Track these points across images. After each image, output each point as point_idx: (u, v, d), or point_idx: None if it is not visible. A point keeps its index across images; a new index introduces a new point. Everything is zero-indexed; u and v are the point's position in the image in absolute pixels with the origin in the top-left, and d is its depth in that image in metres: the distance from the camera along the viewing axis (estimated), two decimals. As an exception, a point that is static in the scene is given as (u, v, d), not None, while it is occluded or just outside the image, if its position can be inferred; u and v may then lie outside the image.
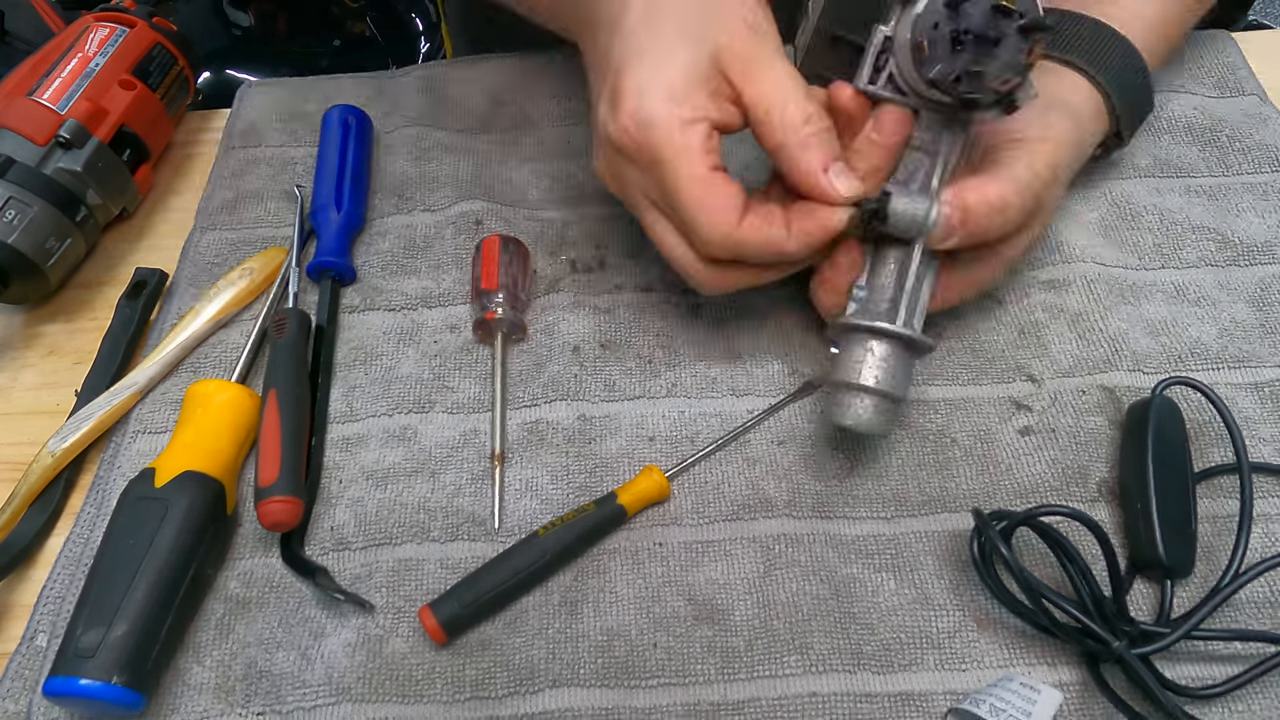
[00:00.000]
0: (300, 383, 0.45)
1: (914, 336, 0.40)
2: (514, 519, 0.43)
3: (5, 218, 0.48)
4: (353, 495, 0.44)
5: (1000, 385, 0.46)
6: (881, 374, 0.40)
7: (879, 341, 0.40)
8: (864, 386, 0.40)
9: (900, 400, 0.40)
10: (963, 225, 0.39)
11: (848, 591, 0.40)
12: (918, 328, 0.41)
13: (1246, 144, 0.55)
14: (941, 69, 0.37)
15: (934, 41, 0.36)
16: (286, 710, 0.37)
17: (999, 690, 0.35)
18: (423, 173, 0.57)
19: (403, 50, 1.22)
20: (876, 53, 0.39)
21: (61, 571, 0.42)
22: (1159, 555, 0.38)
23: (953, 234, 0.39)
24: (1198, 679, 0.37)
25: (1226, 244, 0.51)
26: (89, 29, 0.56)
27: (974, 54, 0.36)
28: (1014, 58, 0.36)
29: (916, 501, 0.42)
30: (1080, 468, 0.43)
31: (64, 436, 0.45)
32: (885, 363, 0.40)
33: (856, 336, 0.41)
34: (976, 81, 0.36)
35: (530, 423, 0.46)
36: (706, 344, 0.48)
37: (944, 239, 0.40)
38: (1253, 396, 0.45)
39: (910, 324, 0.40)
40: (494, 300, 0.47)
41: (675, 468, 0.43)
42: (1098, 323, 0.48)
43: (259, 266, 0.51)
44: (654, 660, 0.38)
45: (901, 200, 0.39)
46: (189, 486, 0.40)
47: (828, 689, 0.37)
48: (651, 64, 0.39)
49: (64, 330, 0.52)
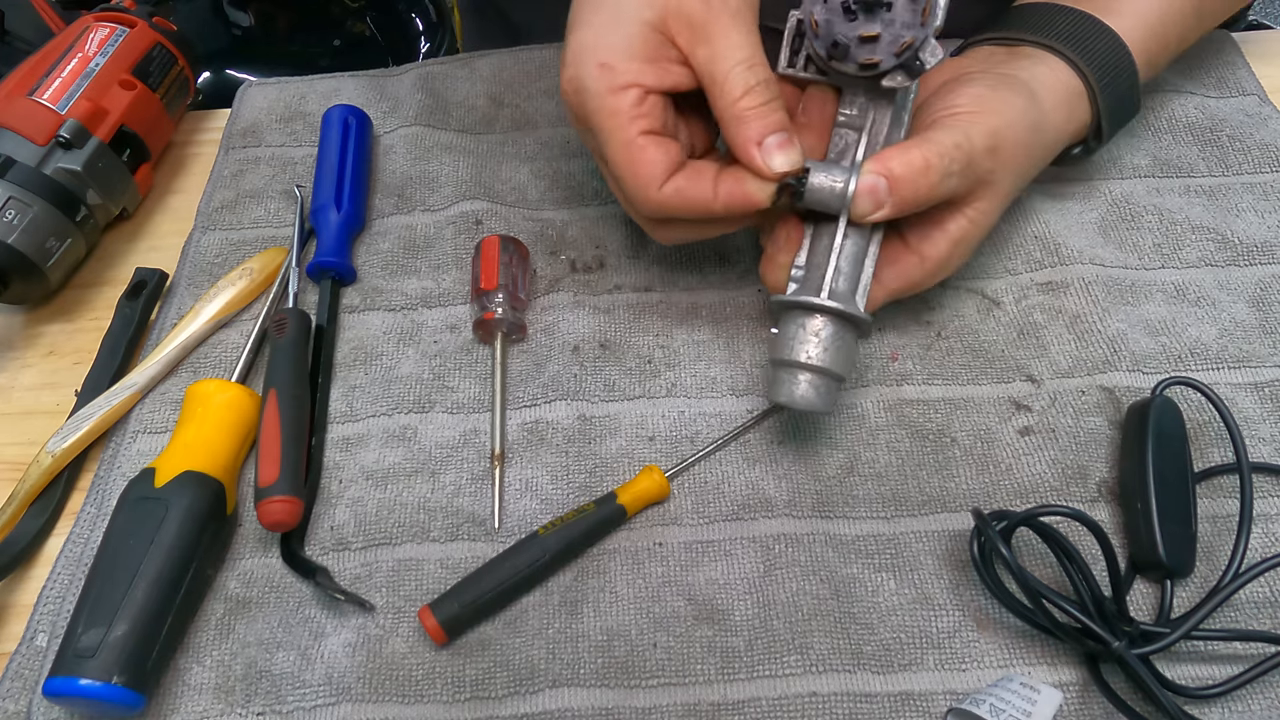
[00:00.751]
0: (300, 383, 0.45)
1: (843, 309, 0.39)
2: (514, 519, 0.43)
3: (5, 218, 0.48)
4: (353, 495, 0.44)
5: (1000, 385, 0.46)
6: (814, 349, 0.39)
7: (811, 317, 0.40)
8: (797, 362, 0.40)
9: (839, 378, 0.40)
10: (891, 192, 0.39)
11: (847, 591, 0.40)
12: (859, 304, 0.41)
13: (1247, 144, 0.55)
14: (836, 40, 0.37)
15: (825, 17, 0.37)
16: (286, 710, 0.37)
17: (999, 690, 0.35)
18: (423, 173, 0.57)
19: (403, 50, 1.22)
20: (792, 36, 0.40)
21: (61, 571, 0.42)
22: (1159, 555, 0.38)
23: (880, 204, 0.39)
24: (1198, 679, 0.37)
25: (1226, 244, 0.51)
26: (89, 29, 0.56)
27: (865, 20, 0.37)
28: (909, 20, 0.36)
29: (916, 501, 0.42)
30: (1080, 468, 0.43)
31: (64, 436, 0.45)
32: (817, 338, 0.40)
33: (791, 314, 0.41)
34: (871, 47, 0.37)
35: (530, 423, 0.46)
36: (706, 344, 0.48)
37: (873, 209, 0.39)
38: (1253, 396, 0.45)
39: (845, 299, 0.40)
40: (494, 300, 0.47)
41: (675, 467, 0.43)
42: (1096, 323, 0.48)
43: (259, 266, 0.51)
44: (654, 660, 0.38)
45: (819, 175, 0.39)
46: (189, 486, 0.40)
47: (827, 689, 0.37)
48: (594, 29, 0.41)
49: (64, 330, 0.52)
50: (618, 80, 0.40)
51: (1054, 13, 0.49)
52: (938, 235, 0.43)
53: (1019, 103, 0.43)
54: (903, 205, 0.40)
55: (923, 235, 0.43)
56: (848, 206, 0.40)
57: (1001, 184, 0.43)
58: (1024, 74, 0.46)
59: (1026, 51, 0.48)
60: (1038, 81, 0.46)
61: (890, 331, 0.48)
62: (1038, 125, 0.45)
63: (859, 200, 0.39)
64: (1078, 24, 0.48)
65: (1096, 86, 0.47)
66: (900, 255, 0.44)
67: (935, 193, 0.40)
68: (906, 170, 0.39)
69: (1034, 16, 0.49)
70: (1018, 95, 0.44)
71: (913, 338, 0.48)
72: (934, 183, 0.39)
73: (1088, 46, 0.47)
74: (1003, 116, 0.42)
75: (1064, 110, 0.47)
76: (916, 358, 0.47)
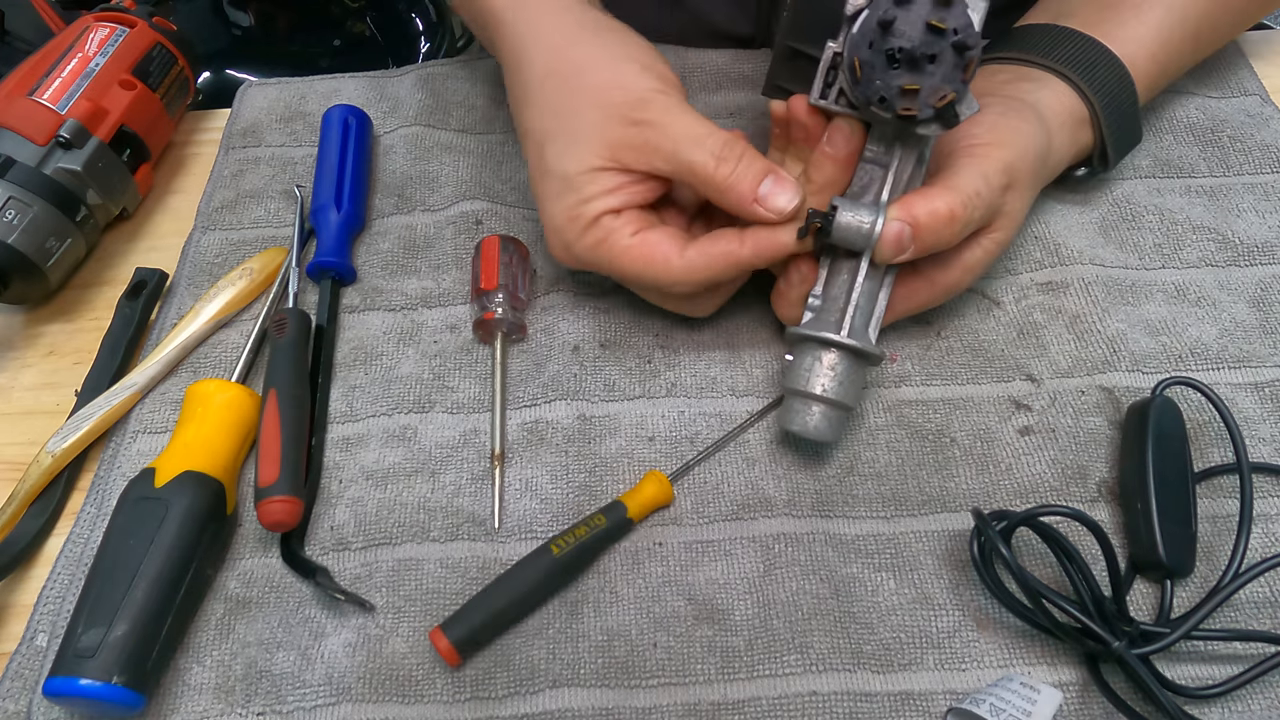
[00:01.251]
0: (300, 383, 0.45)
1: (860, 347, 0.40)
2: (514, 519, 0.43)
3: (5, 218, 0.48)
4: (353, 495, 0.44)
5: (999, 384, 0.46)
6: (829, 383, 0.40)
7: (827, 351, 0.41)
8: (812, 394, 0.41)
9: (849, 409, 0.41)
10: (915, 239, 0.40)
11: (847, 591, 0.40)
12: (871, 338, 0.42)
13: (1247, 144, 0.55)
14: (877, 87, 0.37)
15: (869, 61, 0.37)
16: (286, 710, 0.37)
17: (999, 690, 0.35)
18: (423, 173, 0.57)
19: (403, 50, 1.22)
20: (827, 68, 0.40)
21: (61, 571, 0.42)
22: (1159, 555, 0.38)
23: (904, 249, 0.40)
24: (1197, 679, 0.37)
25: (1227, 244, 0.51)
26: (89, 29, 0.56)
27: (909, 71, 0.37)
28: (950, 74, 0.36)
29: (916, 501, 0.42)
30: (1080, 468, 0.43)
31: (64, 436, 0.45)
32: (833, 372, 0.41)
33: (807, 346, 0.41)
34: (912, 99, 0.37)
35: (530, 423, 0.46)
36: (706, 344, 0.48)
37: (895, 254, 0.40)
38: (1253, 396, 0.45)
39: (860, 334, 0.41)
40: (494, 300, 0.47)
41: (676, 469, 0.43)
42: (1095, 324, 0.48)
43: (259, 266, 0.51)
44: (654, 660, 0.38)
45: (846, 214, 0.40)
46: (189, 486, 0.40)
47: (827, 688, 0.37)
48: (551, 199, 0.43)
49: (64, 330, 0.52)
50: (587, 217, 0.42)
51: (1059, 35, 0.49)
52: (951, 262, 0.44)
53: (1028, 130, 0.44)
54: (925, 250, 0.41)
55: (935, 261, 0.43)
56: (872, 246, 0.40)
57: (1014, 213, 0.44)
58: (1030, 98, 0.46)
59: (1031, 74, 0.48)
60: (1044, 105, 0.46)
61: (889, 332, 0.48)
62: (1045, 152, 0.45)
63: (884, 246, 0.40)
64: (1083, 48, 0.48)
65: (1100, 112, 0.47)
66: (909, 279, 0.44)
67: (958, 239, 0.41)
68: (932, 220, 0.39)
69: (1039, 38, 0.49)
70: (1027, 122, 0.44)
71: (912, 338, 0.48)
72: (957, 231, 0.40)
73: (1093, 72, 0.47)
74: (1014, 148, 0.43)
75: (1067, 134, 0.47)
76: (916, 357, 0.47)
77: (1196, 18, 0.50)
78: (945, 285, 0.44)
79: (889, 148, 0.41)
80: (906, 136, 0.41)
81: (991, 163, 0.41)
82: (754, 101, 0.59)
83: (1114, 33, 0.48)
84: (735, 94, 0.60)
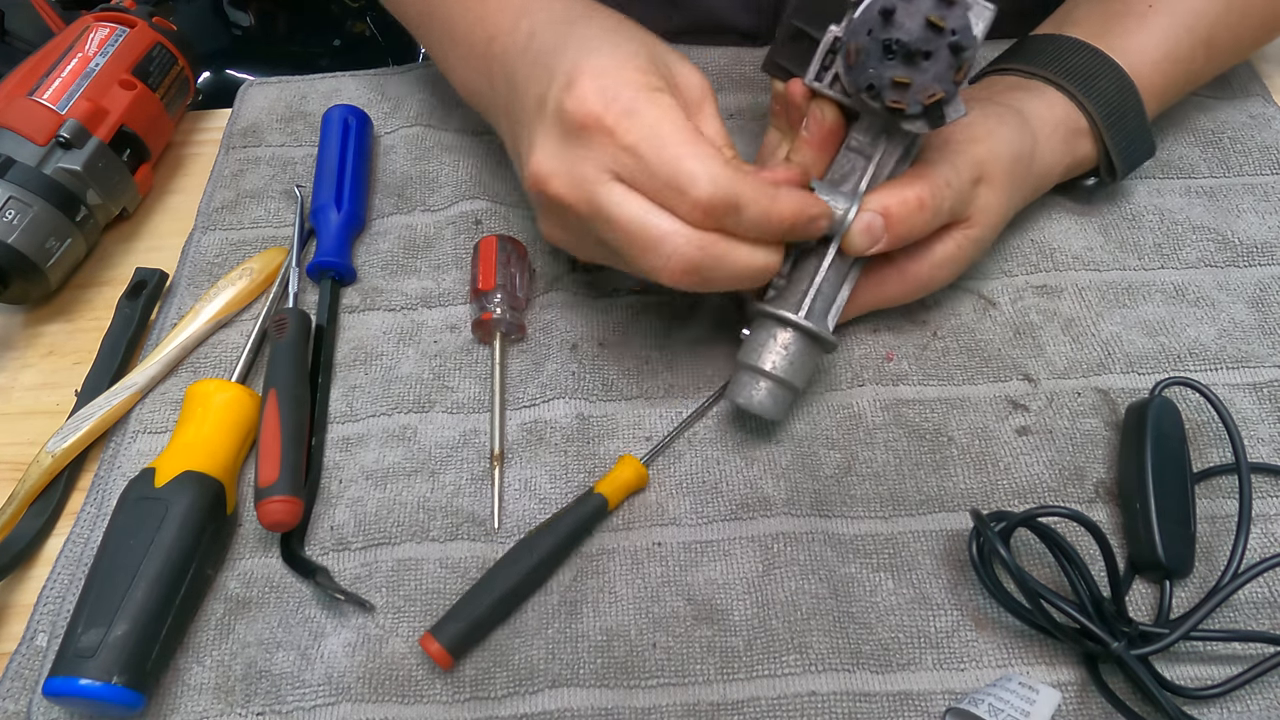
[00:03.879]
0: (300, 383, 0.45)
1: (814, 330, 0.41)
2: (513, 519, 0.43)
3: (5, 218, 0.48)
4: (353, 495, 0.44)
5: (997, 384, 0.46)
6: (779, 360, 0.41)
7: (783, 330, 0.41)
8: (761, 369, 0.41)
9: (796, 390, 0.42)
10: (887, 229, 0.40)
11: (846, 591, 0.40)
12: (829, 324, 0.42)
13: (1248, 145, 0.55)
14: (869, 75, 0.37)
15: (865, 48, 0.37)
16: (286, 710, 0.38)
17: (997, 690, 0.35)
18: (423, 173, 0.57)
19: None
20: (825, 51, 0.40)
21: (61, 571, 0.42)
22: (1158, 556, 0.39)
23: (876, 239, 0.40)
24: (1196, 679, 0.37)
25: (1226, 245, 0.51)
26: (89, 29, 0.56)
27: (903, 64, 0.37)
28: (943, 73, 0.37)
29: (914, 501, 0.42)
30: (1078, 468, 0.43)
31: (64, 436, 0.45)
32: (785, 350, 0.41)
33: (764, 322, 0.42)
34: (901, 92, 0.37)
35: (529, 422, 0.46)
36: (704, 344, 0.48)
37: (868, 244, 0.40)
38: (1251, 397, 0.45)
39: (818, 319, 0.42)
40: (492, 300, 0.47)
41: (648, 452, 0.44)
42: (1090, 328, 0.48)
43: (259, 266, 0.51)
44: (653, 660, 0.38)
45: (821, 198, 0.40)
46: (189, 486, 0.40)
47: (826, 688, 0.37)
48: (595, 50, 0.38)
49: (64, 330, 0.52)
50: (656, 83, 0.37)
51: (1060, 46, 0.49)
52: (921, 255, 0.44)
53: (1004, 131, 0.44)
54: (897, 241, 0.41)
55: (907, 253, 0.44)
56: (841, 234, 0.40)
57: (989, 210, 0.44)
58: (1017, 103, 0.46)
59: (1027, 84, 0.48)
60: (1030, 112, 0.46)
61: (886, 331, 0.48)
62: (1024, 155, 0.45)
63: (856, 236, 0.40)
64: (1084, 59, 0.48)
65: (1101, 123, 0.47)
66: (879, 267, 0.44)
67: (929, 228, 0.41)
68: (902, 209, 0.40)
69: (1041, 49, 0.49)
70: (1004, 124, 0.45)
71: (908, 337, 0.48)
72: (928, 220, 0.41)
73: (1091, 82, 0.47)
74: (985, 144, 0.43)
75: (1059, 143, 0.47)
76: (912, 357, 0.47)
77: (1208, 26, 0.49)
78: (916, 278, 0.44)
79: (874, 139, 0.42)
80: (893, 131, 0.41)
81: (961, 155, 0.42)
82: (754, 102, 0.59)
83: (1118, 43, 0.48)
84: (736, 94, 0.60)
